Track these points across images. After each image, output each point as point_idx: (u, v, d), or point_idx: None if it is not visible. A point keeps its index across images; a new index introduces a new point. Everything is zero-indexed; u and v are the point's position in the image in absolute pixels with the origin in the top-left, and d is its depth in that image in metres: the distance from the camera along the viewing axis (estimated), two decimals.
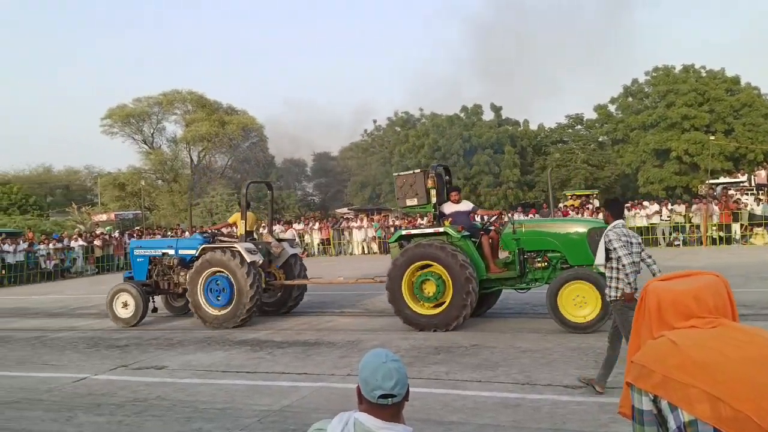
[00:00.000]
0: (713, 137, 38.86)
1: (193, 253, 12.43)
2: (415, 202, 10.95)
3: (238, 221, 12.97)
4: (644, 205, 27.36)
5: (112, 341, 11.15)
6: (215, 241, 12.70)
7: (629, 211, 27.01)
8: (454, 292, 10.06)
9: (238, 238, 12.81)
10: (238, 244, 12.04)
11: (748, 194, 29.28)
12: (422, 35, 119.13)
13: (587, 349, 8.23)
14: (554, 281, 9.73)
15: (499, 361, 8.07)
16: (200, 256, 12.11)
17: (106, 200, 53.74)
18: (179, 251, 12.89)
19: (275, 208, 49.58)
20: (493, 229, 11.08)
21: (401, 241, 10.87)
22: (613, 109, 46.69)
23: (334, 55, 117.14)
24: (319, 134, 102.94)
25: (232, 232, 14.63)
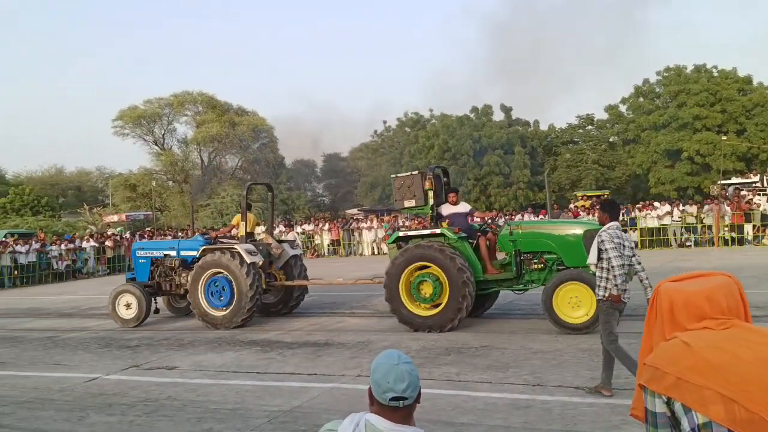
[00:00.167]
0: (725, 137, 38.62)
1: (194, 254, 12.54)
2: (413, 203, 11.06)
3: (239, 223, 13.07)
4: (655, 205, 27.20)
5: (123, 341, 11.21)
6: (216, 242, 12.80)
7: (640, 211, 26.89)
8: (450, 294, 10.14)
9: (238, 239, 12.91)
10: (238, 245, 12.14)
11: (760, 195, 29.02)
12: (437, 36, 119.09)
13: (598, 350, 8.15)
14: (549, 282, 9.80)
15: (509, 362, 8.05)
16: (201, 257, 12.23)
17: (117, 201, 54.04)
18: (181, 252, 13.01)
19: (285, 209, 50.13)
20: (490, 230, 11.13)
21: (399, 242, 10.97)
22: (624, 109, 46.50)
23: (348, 55, 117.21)
24: (334, 134, 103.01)
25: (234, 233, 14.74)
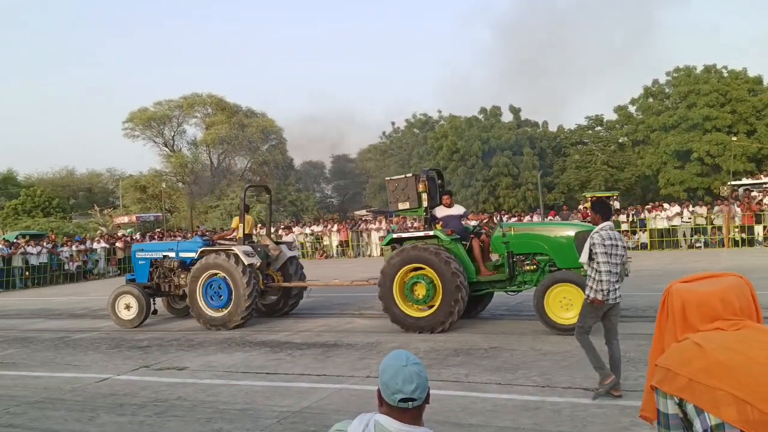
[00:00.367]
0: (735, 138, 38.40)
1: (193, 255, 12.66)
2: (407, 205, 11.18)
3: (238, 225, 13.21)
4: (665, 207, 27.10)
5: (134, 342, 11.27)
6: (214, 244, 12.91)
7: (650, 212, 26.78)
8: (443, 297, 10.24)
9: (236, 241, 13.00)
10: (235, 246, 12.24)
11: None
12: (448, 37, 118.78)
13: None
14: (541, 284, 9.88)
15: (518, 363, 8.04)
16: (199, 258, 12.33)
17: (127, 202, 54.32)
18: (180, 254, 13.12)
19: (294, 210, 50.22)
20: (483, 232, 11.21)
21: (393, 243, 11.11)
22: (633, 110, 46.30)
23: (361, 57, 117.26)
24: (349, 135, 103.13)
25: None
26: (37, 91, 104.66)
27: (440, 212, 11.19)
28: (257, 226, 22.87)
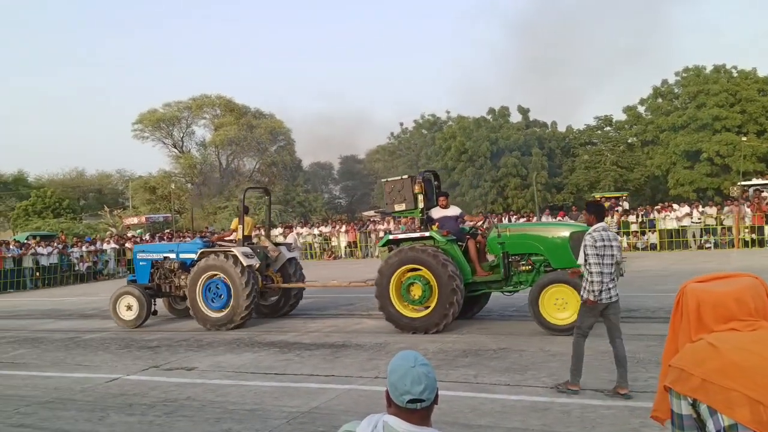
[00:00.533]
0: (745, 138, 38.17)
1: (193, 257, 12.74)
2: (403, 207, 11.28)
3: (237, 226, 13.29)
4: (674, 207, 26.97)
5: (143, 342, 11.31)
6: (214, 245, 12.99)
7: (659, 213, 26.66)
8: (438, 300, 10.31)
9: (236, 242, 13.06)
10: (235, 248, 12.30)
11: None
12: (457, 37, 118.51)
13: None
14: (535, 284, 9.93)
15: (528, 364, 8.02)
16: (199, 260, 12.42)
17: (137, 203, 54.54)
18: (180, 255, 13.20)
19: (303, 210, 50.29)
20: (480, 233, 11.27)
21: (389, 245, 11.21)
22: (642, 110, 46.11)
23: (367, 56, 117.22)
24: (357, 135, 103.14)
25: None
26: (47, 92, 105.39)
27: (436, 213, 11.28)
28: (258, 227, 22.95)
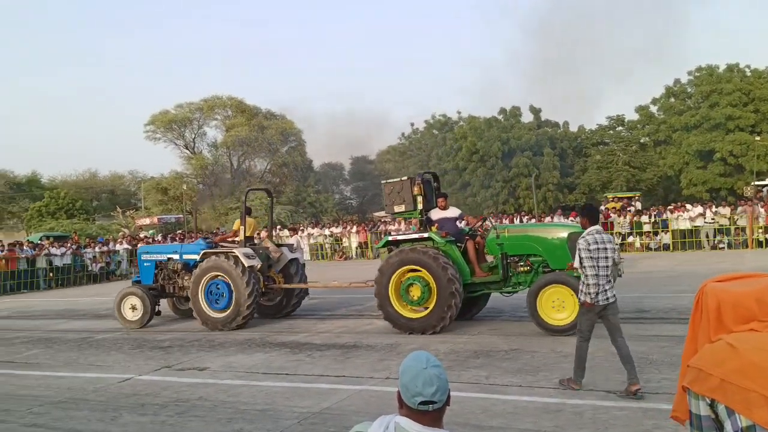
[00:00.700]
0: (759, 138, 37.89)
1: (196, 257, 12.83)
2: (402, 208, 11.32)
3: (239, 228, 13.34)
4: (687, 207, 26.80)
5: (155, 342, 11.37)
6: (217, 246, 13.07)
7: (672, 213, 26.50)
8: (437, 302, 10.35)
9: (238, 243, 13.13)
10: (236, 249, 12.36)
11: None
12: (469, 38, 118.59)
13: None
14: (533, 285, 9.94)
15: (539, 365, 7.99)
16: (201, 260, 12.50)
17: (149, 204, 54.85)
18: (183, 256, 13.29)
19: (314, 211, 50.37)
20: (479, 234, 11.29)
21: (389, 246, 11.25)
22: (654, 110, 45.89)
23: (381, 57, 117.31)
24: (373, 136, 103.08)
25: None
26: (60, 93, 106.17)
27: (435, 215, 11.32)
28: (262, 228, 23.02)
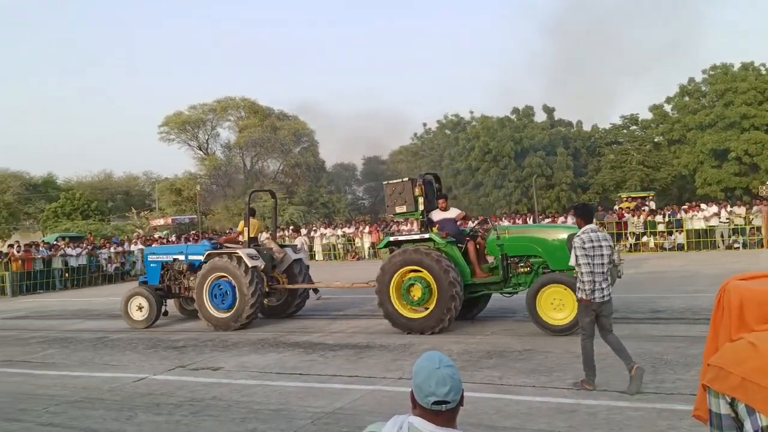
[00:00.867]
0: None
1: (201, 258, 12.93)
2: (404, 209, 11.41)
3: (243, 229, 13.47)
4: (702, 207, 26.60)
5: (170, 342, 11.44)
6: (221, 247, 13.17)
7: (687, 213, 26.32)
8: (437, 303, 10.41)
9: (242, 244, 13.21)
10: (240, 250, 12.44)
11: None
12: (482, 39, 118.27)
13: (644, 354, 8.04)
14: (533, 285, 9.98)
15: (553, 366, 7.97)
16: (206, 261, 12.60)
17: (163, 205, 55.17)
18: (189, 257, 13.41)
19: (326, 212, 50.44)
20: (479, 235, 11.32)
21: (390, 246, 11.34)
22: (669, 109, 45.56)
23: (394, 57, 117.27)
24: (391, 135, 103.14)
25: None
26: (75, 95, 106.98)
27: (436, 216, 11.38)
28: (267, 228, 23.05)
